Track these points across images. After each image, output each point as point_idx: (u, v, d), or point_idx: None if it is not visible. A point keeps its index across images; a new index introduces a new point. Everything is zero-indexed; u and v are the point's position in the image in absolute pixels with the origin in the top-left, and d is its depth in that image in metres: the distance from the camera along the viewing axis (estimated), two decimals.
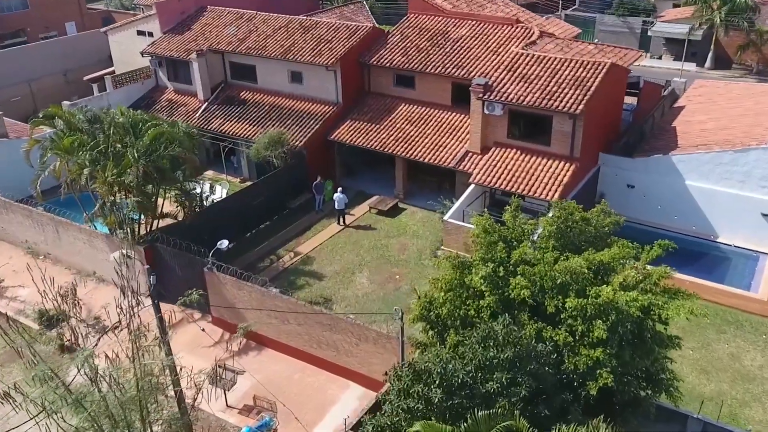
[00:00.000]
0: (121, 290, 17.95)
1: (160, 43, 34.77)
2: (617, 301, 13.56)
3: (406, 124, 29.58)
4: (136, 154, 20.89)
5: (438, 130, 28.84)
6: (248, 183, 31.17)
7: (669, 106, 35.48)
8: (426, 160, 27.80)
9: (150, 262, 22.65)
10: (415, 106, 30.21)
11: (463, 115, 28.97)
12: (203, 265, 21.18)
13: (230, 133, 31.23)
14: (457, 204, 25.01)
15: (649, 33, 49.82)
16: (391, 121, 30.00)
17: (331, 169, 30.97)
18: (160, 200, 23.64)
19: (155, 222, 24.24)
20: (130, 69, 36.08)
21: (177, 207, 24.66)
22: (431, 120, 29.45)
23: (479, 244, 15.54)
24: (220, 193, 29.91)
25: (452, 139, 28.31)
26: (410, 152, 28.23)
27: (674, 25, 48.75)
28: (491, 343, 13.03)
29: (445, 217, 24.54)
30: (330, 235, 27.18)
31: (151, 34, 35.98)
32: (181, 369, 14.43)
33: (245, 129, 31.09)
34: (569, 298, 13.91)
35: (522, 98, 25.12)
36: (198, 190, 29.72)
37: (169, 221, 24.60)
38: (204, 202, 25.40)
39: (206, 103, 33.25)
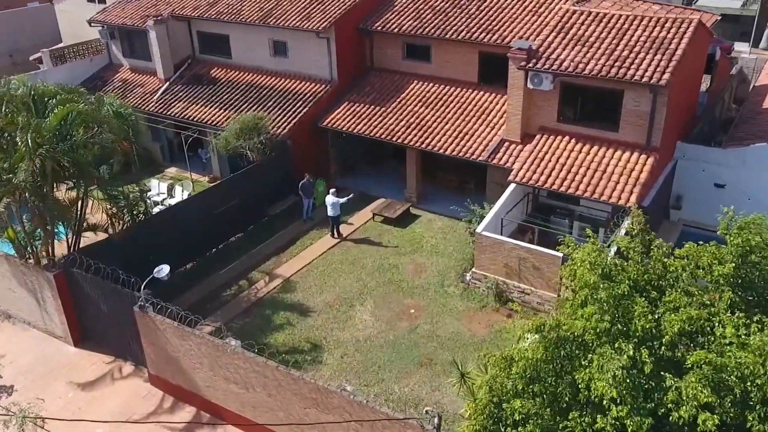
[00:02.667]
0: None
1: (112, 10, 28.09)
2: None
3: (420, 107, 22.92)
4: (29, 141, 14.14)
5: (462, 114, 22.17)
6: (218, 181, 24.56)
7: (738, 86, 29.00)
8: (447, 153, 21.12)
9: (64, 294, 16.02)
10: (432, 84, 23.56)
11: (493, 95, 22.33)
12: (132, 301, 14.52)
13: (196, 119, 24.56)
14: (493, 210, 18.34)
15: (693, 7, 43.02)
16: (400, 103, 23.34)
17: (324, 165, 24.31)
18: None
19: (94, 236, 17.61)
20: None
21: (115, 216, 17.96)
22: (452, 101, 22.78)
23: (590, 300, 8.81)
24: (181, 196, 23.23)
25: (481, 124, 21.64)
26: (426, 142, 21.55)
27: None
28: None
29: (478, 229, 17.88)
30: (321, 251, 20.49)
31: (103, 0, 29.31)
32: None
33: (215, 114, 24.42)
34: None
35: (582, 66, 18.46)
36: (154, 192, 23.14)
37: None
38: (148, 209, 18.71)
39: (168, 83, 26.60)
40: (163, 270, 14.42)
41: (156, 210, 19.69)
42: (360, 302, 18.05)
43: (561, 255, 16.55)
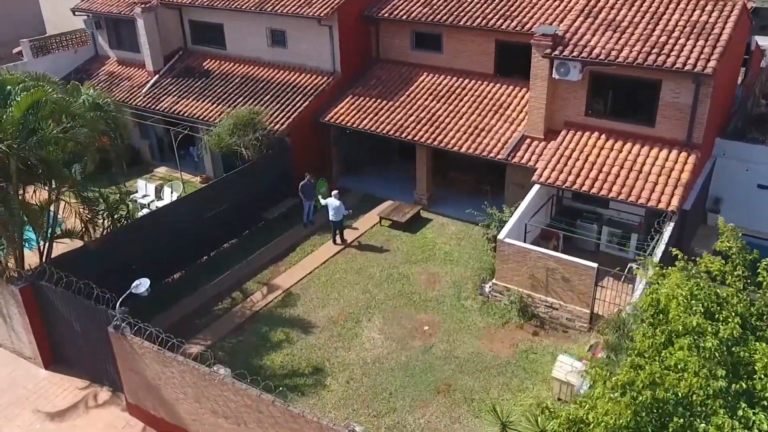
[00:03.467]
0: None
1: None
2: None
3: (432, 101, 20.99)
4: None
5: (477, 109, 20.24)
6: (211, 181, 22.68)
7: (766, 80, 27.08)
8: (462, 151, 19.19)
9: (32, 310, 14.11)
10: (444, 77, 21.64)
11: (511, 87, 20.43)
12: (107, 320, 12.59)
13: (187, 114, 22.61)
14: (516, 215, 16.40)
15: None
16: (409, 96, 21.41)
17: (326, 164, 22.40)
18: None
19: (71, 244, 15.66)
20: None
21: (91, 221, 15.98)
22: (467, 94, 20.85)
23: (691, 348, 6.61)
24: (170, 198, 21.32)
25: (498, 120, 19.71)
26: (438, 139, 19.62)
27: None
28: None
29: (501, 236, 15.93)
30: (323, 259, 18.57)
31: None
32: None
33: (207, 109, 22.48)
34: None
35: (614, 53, 16.53)
36: (141, 194, 21.23)
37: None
38: (131, 213, 16.79)
39: (157, 76, 24.67)
40: (142, 285, 12.51)
41: (142, 213, 17.77)
42: (367, 317, 16.12)
43: (595, 266, 14.67)
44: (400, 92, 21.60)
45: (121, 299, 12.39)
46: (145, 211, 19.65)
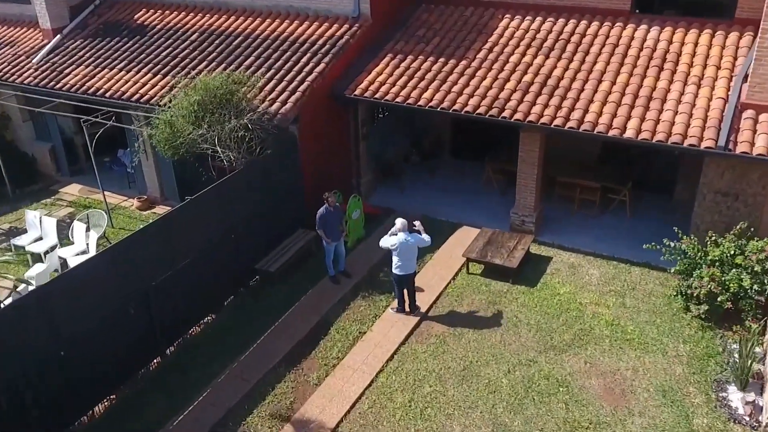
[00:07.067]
0: None
1: None
2: None
3: (535, 56, 12.45)
4: None
5: (624, 65, 11.84)
6: (161, 209, 13.68)
7: None
8: (629, 136, 10.59)
9: None
10: (540, 19, 13.18)
11: (669, 30, 12.17)
12: None
13: (110, 93, 13.32)
14: None
15: None
16: (492, 51, 12.79)
17: (349, 169, 13.63)
18: None
19: None
20: None
21: None
22: (595, 44, 12.44)
23: None
24: (85, 243, 12.10)
25: (672, 82, 11.33)
26: (573, 118, 11.05)
27: None
28: None
29: None
30: (389, 350, 9.73)
31: None
32: None
33: (147, 82, 13.28)
34: None
35: None
36: (29, 238, 12.06)
37: None
38: None
39: (58, 37, 15.27)
40: None
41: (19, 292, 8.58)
42: None
43: None
44: (473, 45, 12.97)
45: None
46: (28, 287, 10.37)
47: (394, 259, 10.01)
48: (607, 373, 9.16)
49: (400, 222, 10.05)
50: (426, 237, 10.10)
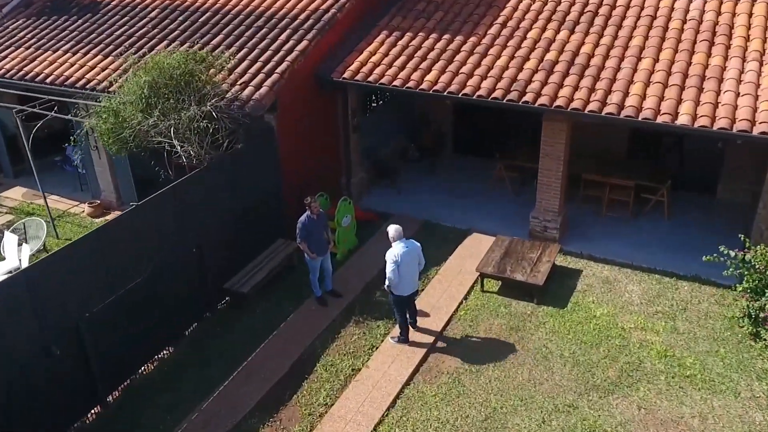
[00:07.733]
0: None
1: None
2: None
3: (558, 31, 10.51)
4: None
5: (662, 40, 9.92)
6: (111, 214, 11.58)
7: None
8: (682, 123, 8.68)
9: None
10: None
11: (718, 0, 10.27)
12: None
13: (52, 78, 11.21)
14: None
15: None
16: (507, 27, 10.84)
17: (338, 168, 11.61)
18: None
19: None
20: None
21: None
22: (627, 16, 10.52)
23: None
24: (18, 261, 9.93)
25: (722, 58, 9.41)
26: (612, 102, 9.10)
27: None
28: None
29: None
30: (391, 393, 7.70)
31: None
32: None
33: (96, 65, 11.19)
34: None
35: None
36: None
37: None
38: None
39: None
40: None
41: None
42: None
43: None
44: (482, 20, 11.00)
45: None
46: None
47: (392, 274, 7.99)
48: (669, 422, 7.21)
49: (393, 229, 8.07)
50: (403, 249, 8.00)
